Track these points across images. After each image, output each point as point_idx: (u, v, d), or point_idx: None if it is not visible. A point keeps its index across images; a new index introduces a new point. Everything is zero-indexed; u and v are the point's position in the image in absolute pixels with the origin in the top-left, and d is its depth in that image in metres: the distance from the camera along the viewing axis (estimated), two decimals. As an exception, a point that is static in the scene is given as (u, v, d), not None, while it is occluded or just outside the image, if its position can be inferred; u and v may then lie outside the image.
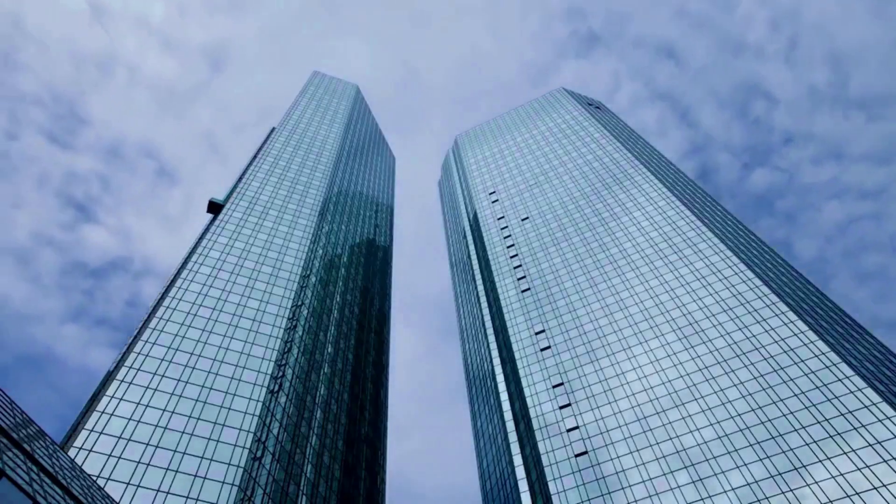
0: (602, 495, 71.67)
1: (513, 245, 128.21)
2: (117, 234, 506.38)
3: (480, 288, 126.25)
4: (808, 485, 62.35)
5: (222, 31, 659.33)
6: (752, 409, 72.47)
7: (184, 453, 62.89)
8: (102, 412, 63.79)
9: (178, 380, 71.42)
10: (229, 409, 70.36)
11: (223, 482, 61.37)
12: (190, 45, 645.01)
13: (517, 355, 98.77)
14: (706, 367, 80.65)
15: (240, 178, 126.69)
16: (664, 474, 70.65)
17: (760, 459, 66.91)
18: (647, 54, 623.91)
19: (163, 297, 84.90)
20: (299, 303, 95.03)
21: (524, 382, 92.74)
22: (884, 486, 58.97)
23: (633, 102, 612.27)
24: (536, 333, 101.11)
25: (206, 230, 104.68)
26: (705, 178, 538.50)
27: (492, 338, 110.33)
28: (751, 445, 68.80)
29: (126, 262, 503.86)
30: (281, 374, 79.85)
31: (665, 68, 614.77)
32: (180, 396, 69.40)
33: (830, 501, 59.98)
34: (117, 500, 53.04)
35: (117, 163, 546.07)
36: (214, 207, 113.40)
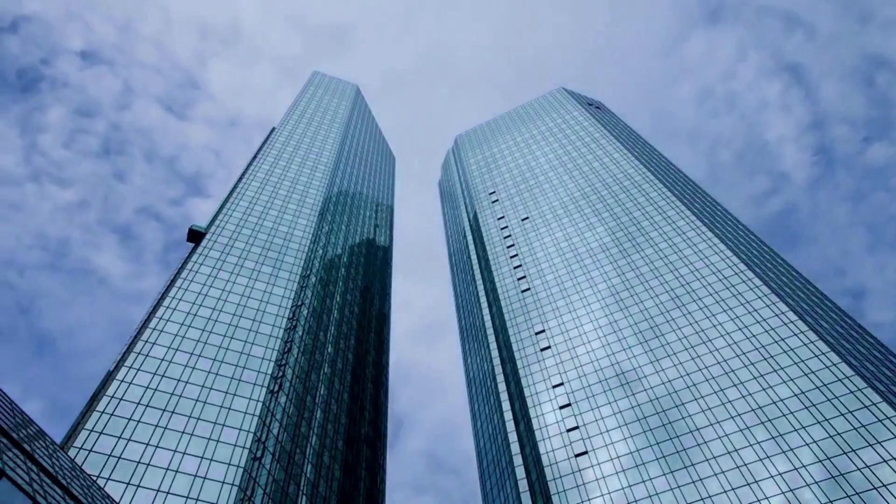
0: (602, 495, 71.66)
1: (513, 245, 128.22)
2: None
3: (480, 288, 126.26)
4: (808, 485, 62.35)
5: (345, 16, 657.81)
6: (752, 410, 72.46)
7: (184, 453, 62.89)
8: (102, 412, 63.79)
9: (178, 380, 71.43)
10: (229, 409, 70.36)
11: (223, 482, 61.37)
12: (314, 22, 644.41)
13: (517, 355, 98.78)
14: (706, 368, 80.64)
15: (240, 179, 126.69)
16: (664, 474, 70.65)
17: (760, 460, 66.92)
18: (774, 23, 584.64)
19: (163, 297, 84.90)
20: (299, 303, 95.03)
21: (524, 382, 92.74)
22: (884, 486, 58.97)
23: (758, 74, 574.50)
24: (536, 333, 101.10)
25: (207, 230, 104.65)
26: (824, 152, 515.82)
27: (492, 338, 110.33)
28: (751, 446, 68.80)
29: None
30: (281, 374, 79.85)
31: (792, 38, 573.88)
32: (180, 396, 69.40)
33: (830, 501, 59.97)
34: (117, 500, 53.04)
35: (232, 135, 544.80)
36: (195, 236, 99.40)
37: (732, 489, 65.59)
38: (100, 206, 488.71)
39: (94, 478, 56.14)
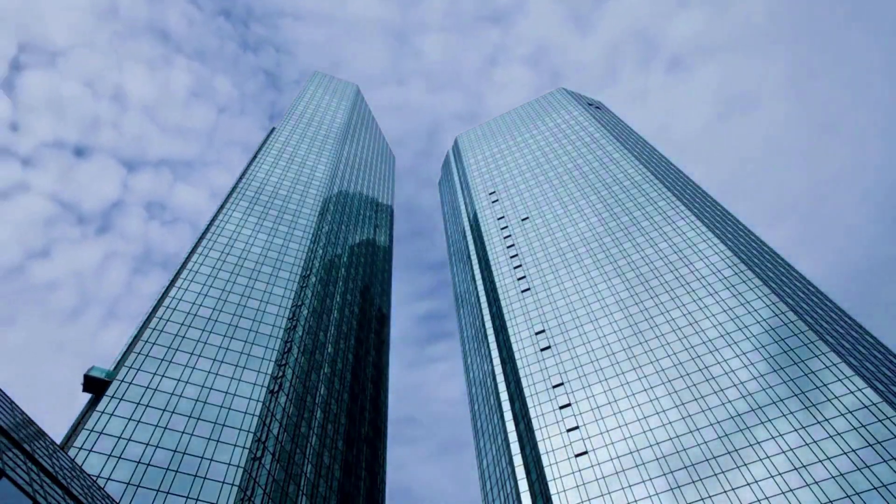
0: (602, 495, 71.68)
1: (513, 245, 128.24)
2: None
3: (480, 288, 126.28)
4: (808, 485, 62.36)
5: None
6: (752, 410, 72.47)
7: (184, 453, 62.91)
8: (102, 412, 63.80)
9: (178, 380, 71.44)
10: (229, 409, 70.38)
11: (223, 482, 61.39)
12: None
13: (517, 355, 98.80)
14: (706, 367, 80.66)
15: (240, 179, 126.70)
16: (664, 474, 70.67)
17: (760, 459, 66.92)
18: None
19: (163, 297, 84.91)
20: (299, 303, 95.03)
21: (524, 382, 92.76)
22: (884, 485, 58.99)
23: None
24: (536, 333, 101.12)
25: (207, 230, 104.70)
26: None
27: (492, 338, 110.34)
28: (751, 445, 68.81)
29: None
30: (281, 374, 79.86)
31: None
32: (180, 396, 69.42)
33: (831, 501, 59.99)
34: (117, 500, 53.06)
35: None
36: (93, 385, 67.56)
37: (732, 489, 65.61)
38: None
39: (94, 478, 56.14)
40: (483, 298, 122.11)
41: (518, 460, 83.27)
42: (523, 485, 79.47)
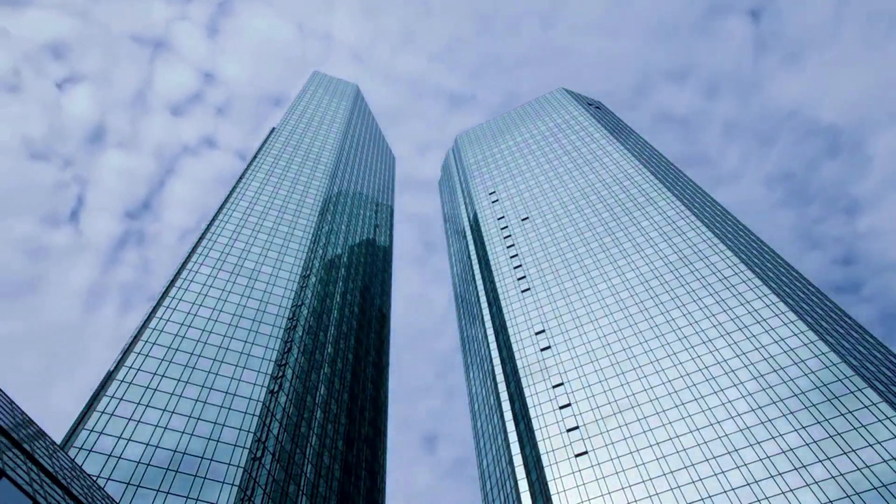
0: (602, 495, 71.67)
1: (513, 245, 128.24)
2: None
3: (480, 288, 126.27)
4: (808, 485, 62.35)
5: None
6: (752, 409, 72.47)
7: (184, 453, 62.91)
8: (102, 412, 63.81)
9: (178, 380, 71.45)
10: (229, 409, 70.38)
11: (223, 482, 61.39)
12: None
13: (517, 355, 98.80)
14: (706, 367, 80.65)
15: (240, 179, 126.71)
16: (664, 474, 70.66)
17: (760, 459, 66.92)
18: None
19: (163, 297, 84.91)
20: (299, 303, 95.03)
21: (524, 382, 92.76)
22: (884, 486, 58.98)
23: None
24: (536, 333, 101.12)
25: (206, 230, 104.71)
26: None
27: (492, 338, 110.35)
28: (751, 445, 68.80)
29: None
30: (281, 374, 79.86)
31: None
32: (180, 396, 69.42)
33: (830, 501, 59.98)
34: (117, 500, 53.05)
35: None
36: None
37: (732, 489, 65.61)
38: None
39: (94, 478, 56.13)
40: (483, 298, 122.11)
41: (518, 460, 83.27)
42: (523, 485, 79.48)
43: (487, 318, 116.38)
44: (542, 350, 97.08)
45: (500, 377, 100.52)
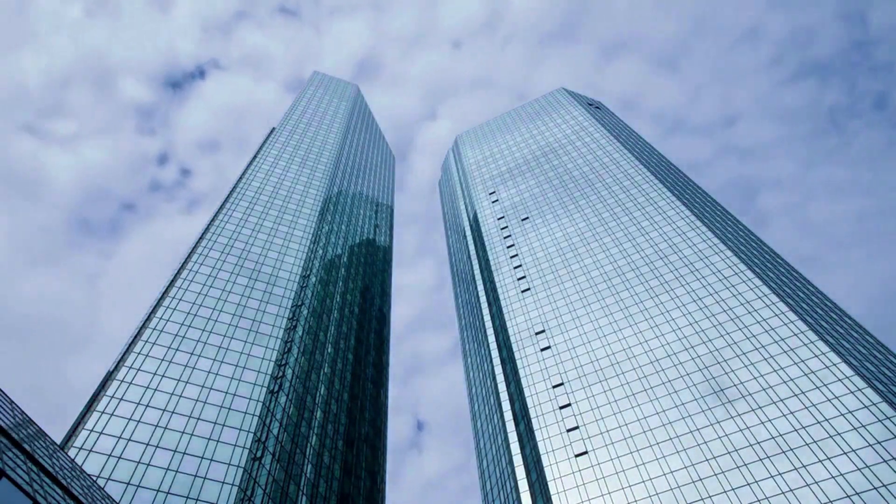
0: (602, 495, 71.68)
1: (513, 245, 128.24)
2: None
3: (480, 288, 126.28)
4: (808, 485, 62.36)
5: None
6: (752, 410, 72.48)
7: (184, 453, 62.92)
8: (102, 412, 63.81)
9: (178, 380, 71.46)
10: (229, 409, 70.39)
11: (223, 482, 61.40)
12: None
13: (517, 355, 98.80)
14: (706, 367, 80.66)
15: (240, 179, 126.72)
16: (664, 474, 70.67)
17: (760, 459, 66.93)
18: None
19: (163, 297, 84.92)
20: (299, 303, 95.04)
21: (524, 382, 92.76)
22: (884, 485, 58.99)
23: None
24: (536, 333, 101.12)
25: (206, 230, 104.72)
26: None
27: (492, 338, 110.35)
28: (751, 445, 68.82)
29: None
30: (281, 374, 79.87)
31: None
32: (180, 396, 69.43)
33: (830, 501, 59.98)
34: (117, 500, 53.05)
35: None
36: None
37: (732, 489, 65.61)
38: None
39: (94, 478, 56.15)
40: (483, 298, 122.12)
41: (518, 460, 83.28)
42: (523, 485, 79.49)
43: (487, 318, 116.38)
44: (542, 350, 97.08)
45: (500, 377, 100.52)
